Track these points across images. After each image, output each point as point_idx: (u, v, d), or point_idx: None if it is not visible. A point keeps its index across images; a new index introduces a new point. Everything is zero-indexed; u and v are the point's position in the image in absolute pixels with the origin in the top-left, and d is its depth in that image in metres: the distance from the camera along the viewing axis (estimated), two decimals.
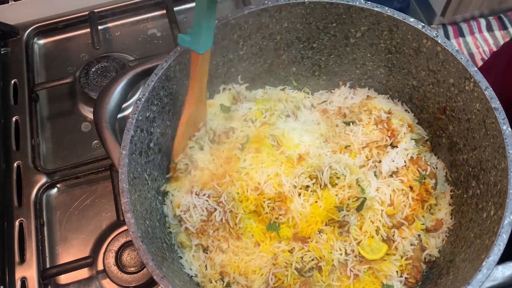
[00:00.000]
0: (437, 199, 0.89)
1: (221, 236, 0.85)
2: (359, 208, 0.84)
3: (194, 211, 0.86)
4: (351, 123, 0.95)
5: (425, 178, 0.88)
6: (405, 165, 0.89)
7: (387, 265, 0.82)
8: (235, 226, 0.84)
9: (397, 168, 0.89)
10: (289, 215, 0.84)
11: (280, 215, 0.84)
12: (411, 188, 0.87)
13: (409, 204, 0.86)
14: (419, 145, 0.94)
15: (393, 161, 0.89)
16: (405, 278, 0.82)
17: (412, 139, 0.92)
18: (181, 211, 0.87)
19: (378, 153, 0.91)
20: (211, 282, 0.84)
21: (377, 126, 0.92)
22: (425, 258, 0.86)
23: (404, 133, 0.91)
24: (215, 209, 0.85)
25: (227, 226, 0.85)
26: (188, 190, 0.89)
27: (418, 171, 0.88)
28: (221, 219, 0.85)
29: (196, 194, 0.88)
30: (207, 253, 0.86)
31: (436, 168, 0.93)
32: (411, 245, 0.85)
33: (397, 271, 0.83)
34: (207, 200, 0.86)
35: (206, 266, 0.85)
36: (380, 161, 0.90)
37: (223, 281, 0.84)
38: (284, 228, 0.85)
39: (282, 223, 0.85)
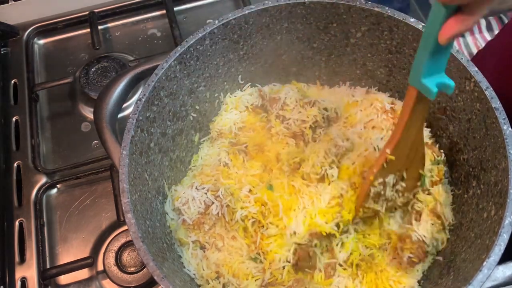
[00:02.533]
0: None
1: (217, 234, 0.85)
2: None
3: (192, 203, 0.86)
4: None
5: (439, 163, 0.87)
6: None
7: None
8: (230, 221, 0.84)
9: None
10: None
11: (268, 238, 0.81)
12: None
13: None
14: None
15: None
16: (408, 257, 0.80)
17: None
18: (180, 203, 0.87)
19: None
20: (208, 283, 0.84)
21: (387, 115, 0.90)
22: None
23: None
24: (213, 203, 0.86)
25: (223, 221, 0.85)
26: (190, 185, 0.90)
27: (433, 155, 0.88)
28: (218, 213, 0.85)
29: (196, 188, 0.88)
30: (204, 251, 0.86)
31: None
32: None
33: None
34: (205, 193, 0.87)
35: (203, 266, 0.85)
36: None
37: (220, 282, 0.83)
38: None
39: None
